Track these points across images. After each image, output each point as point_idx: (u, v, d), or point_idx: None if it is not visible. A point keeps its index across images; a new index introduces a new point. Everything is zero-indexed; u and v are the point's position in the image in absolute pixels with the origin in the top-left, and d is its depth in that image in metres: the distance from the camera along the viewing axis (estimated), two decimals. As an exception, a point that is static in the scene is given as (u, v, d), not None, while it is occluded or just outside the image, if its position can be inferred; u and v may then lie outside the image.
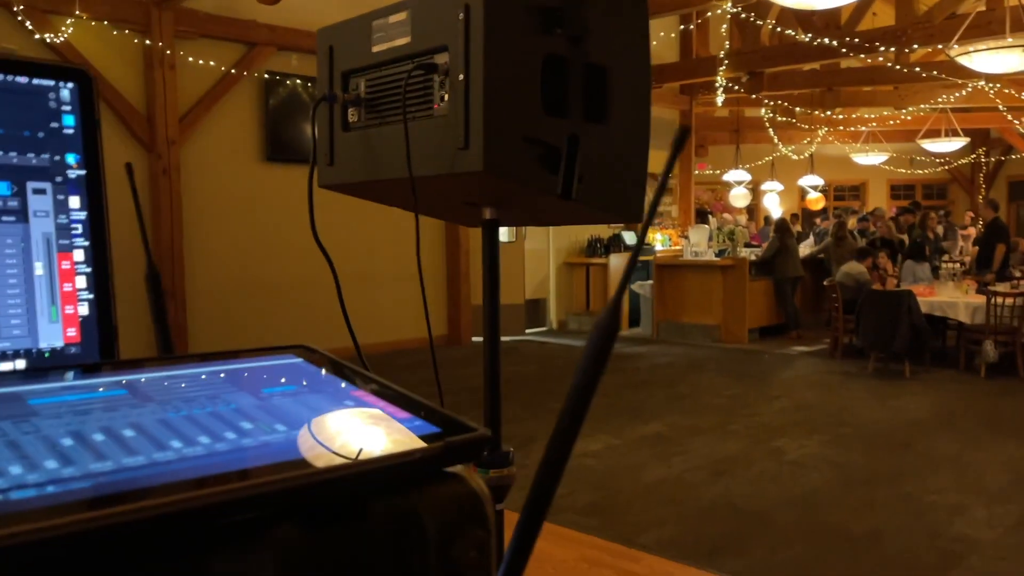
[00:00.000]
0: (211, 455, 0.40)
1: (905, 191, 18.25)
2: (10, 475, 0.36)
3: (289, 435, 0.42)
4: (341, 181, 1.63)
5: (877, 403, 6.55)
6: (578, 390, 0.47)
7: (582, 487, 4.54)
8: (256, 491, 0.36)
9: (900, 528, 3.88)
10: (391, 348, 8.21)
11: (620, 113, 1.57)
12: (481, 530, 0.45)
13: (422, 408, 0.48)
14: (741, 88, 11.37)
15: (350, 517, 0.39)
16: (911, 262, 9.61)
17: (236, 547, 0.36)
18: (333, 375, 0.54)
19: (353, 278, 8.87)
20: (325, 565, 0.38)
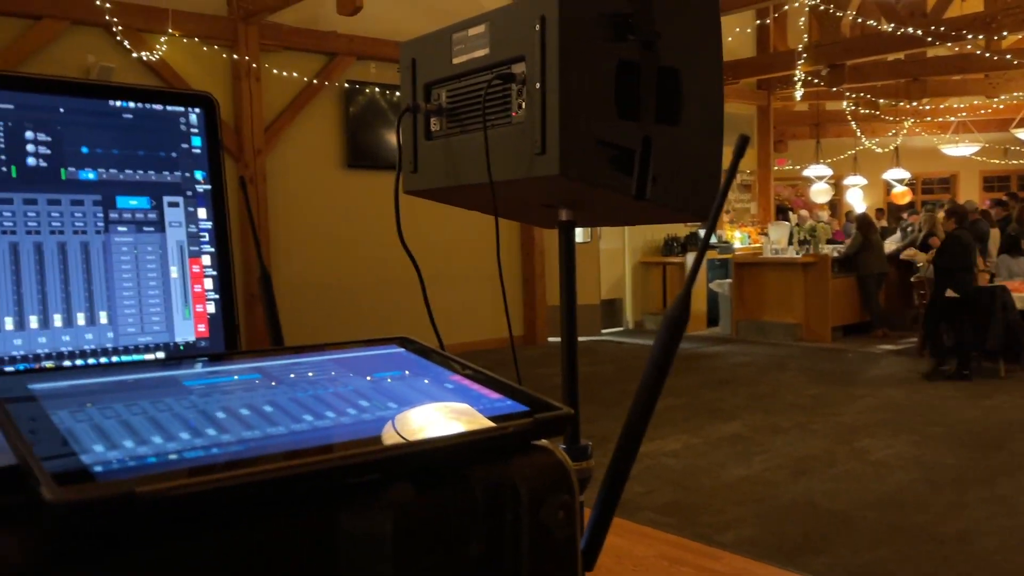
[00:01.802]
0: (337, 427, 0.47)
1: (1000, 183, 17.47)
2: (181, 440, 0.44)
3: (401, 411, 0.49)
4: (425, 187, 1.72)
5: (969, 402, 6.33)
6: (651, 376, 0.52)
7: (661, 486, 4.55)
8: (376, 456, 0.43)
9: (992, 529, 3.76)
10: (469, 348, 8.35)
11: (692, 114, 1.61)
12: (567, 495, 0.51)
13: (513, 390, 0.54)
14: (821, 81, 11.11)
15: (454, 483, 0.46)
16: (1006, 256, 9.22)
17: (361, 504, 0.43)
18: (432, 362, 0.61)
19: (430, 279, 9.04)
20: (434, 523, 0.44)
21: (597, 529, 0.56)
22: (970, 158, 15.69)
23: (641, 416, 0.54)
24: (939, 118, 14.76)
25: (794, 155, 16.07)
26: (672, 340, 0.55)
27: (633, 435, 0.54)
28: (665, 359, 0.55)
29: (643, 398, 0.54)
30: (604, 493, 0.57)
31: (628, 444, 0.54)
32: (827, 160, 14.57)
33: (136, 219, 0.72)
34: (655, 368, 0.54)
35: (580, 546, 0.53)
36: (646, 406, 0.54)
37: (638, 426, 0.54)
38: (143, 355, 0.72)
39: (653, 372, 0.54)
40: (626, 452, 0.55)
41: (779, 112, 14.06)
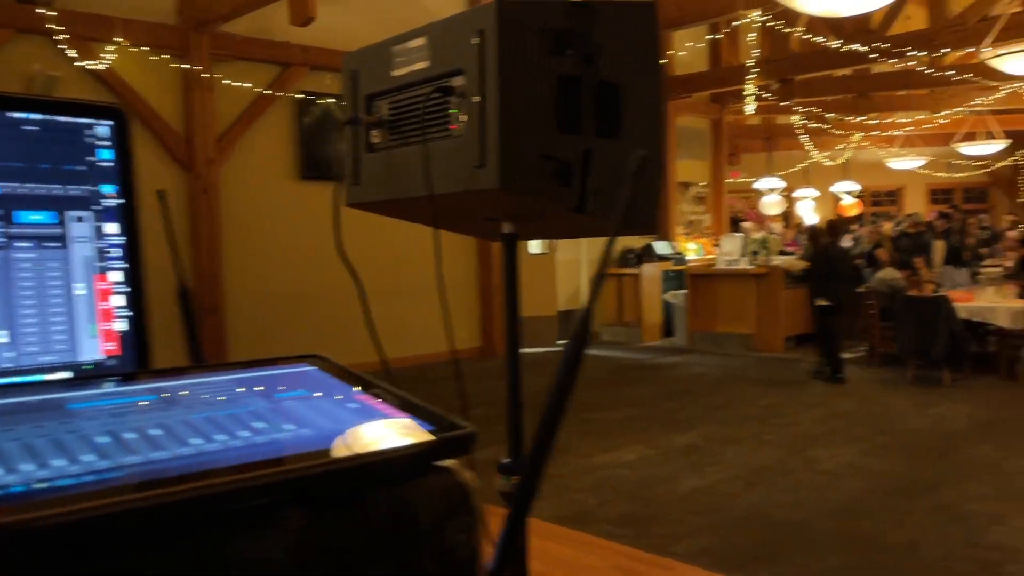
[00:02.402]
0: (227, 450, 0.45)
1: (944, 195, 17.96)
2: (53, 467, 0.42)
3: (297, 433, 0.47)
4: (366, 200, 1.70)
5: (916, 411, 6.46)
6: (557, 392, 0.51)
7: (616, 497, 4.55)
8: (263, 481, 0.41)
9: (938, 537, 3.83)
10: (425, 360, 8.29)
11: (633, 128, 1.61)
12: (468, 516, 0.49)
13: (417, 409, 0.53)
14: (772, 96, 11.32)
15: (351, 505, 0.44)
16: (950, 267, 9.47)
17: (252, 530, 0.41)
18: (340, 381, 0.59)
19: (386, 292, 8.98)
20: (329, 546, 0.43)
21: (506, 548, 0.54)
22: (916, 171, 16.11)
23: (547, 438, 0.53)
24: (886, 132, 15.13)
25: (747, 168, 16.33)
26: (574, 361, 0.53)
27: (538, 459, 0.53)
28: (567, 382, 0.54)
29: (546, 426, 0.52)
30: (513, 513, 0.55)
31: (534, 467, 0.53)
32: (779, 173, 14.83)
33: (38, 234, 0.69)
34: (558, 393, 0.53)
35: (490, 565, 0.51)
36: (548, 435, 0.53)
37: (543, 449, 0.53)
38: (45, 375, 0.69)
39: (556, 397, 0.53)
40: (533, 473, 0.53)
41: (732, 126, 14.29)
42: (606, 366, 9.32)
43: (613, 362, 9.60)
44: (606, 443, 5.71)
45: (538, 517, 4.62)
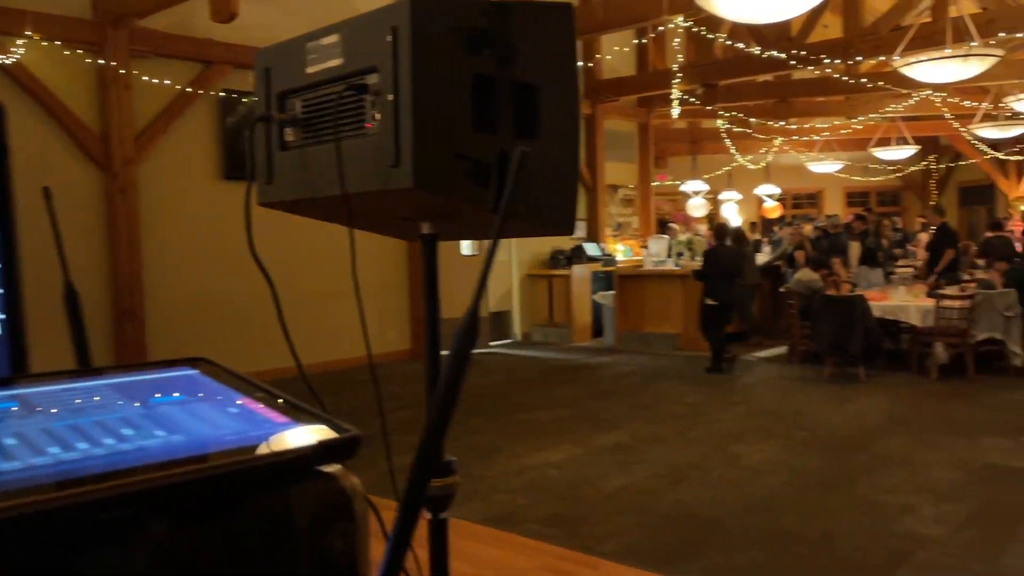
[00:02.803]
0: (86, 459, 0.43)
1: (860, 198, 18.63)
2: None
3: (168, 440, 0.45)
4: (279, 199, 1.66)
5: (833, 407, 6.68)
6: (446, 388, 0.50)
7: (545, 497, 4.57)
8: (118, 492, 0.39)
9: (852, 529, 3.97)
10: (355, 364, 8.20)
11: (550, 129, 1.62)
12: (348, 522, 0.48)
13: (301, 413, 0.51)
14: (696, 100, 11.55)
15: (222, 514, 0.42)
16: (865, 268, 9.82)
17: (107, 543, 0.39)
18: (224, 385, 0.57)
19: (314, 294, 8.82)
20: (197, 558, 0.41)
21: (395, 555, 0.53)
22: (834, 175, 16.66)
23: (432, 439, 0.52)
24: (805, 137, 15.61)
25: (674, 171, 16.63)
26: (463, 353, 0.52)
27: (424, 468, 0.51)
28: (456, 378, 0.53)
29: (434, 421, 0.51)
30: (401, 518, 0.53)
31: (421, 473, 0.52)
32: (704, 176, 15.15)
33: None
34: (447, 389, 0.52)
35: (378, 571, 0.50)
36: (437, 430, 0.51)
37: (428, 458, 0.52)
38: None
39: (445, 393, 0.51)
40: (421, 476, 0.52)
41: (659, 129, 14.54)
42: (537, 367, 9.36)
43: (543, 363, 9.65)
44: (536, 443, 5.74)
45: (468, 519, 4.62)
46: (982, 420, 6.07)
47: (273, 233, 8.72)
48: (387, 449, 1.71)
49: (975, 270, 9.62)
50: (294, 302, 8.75)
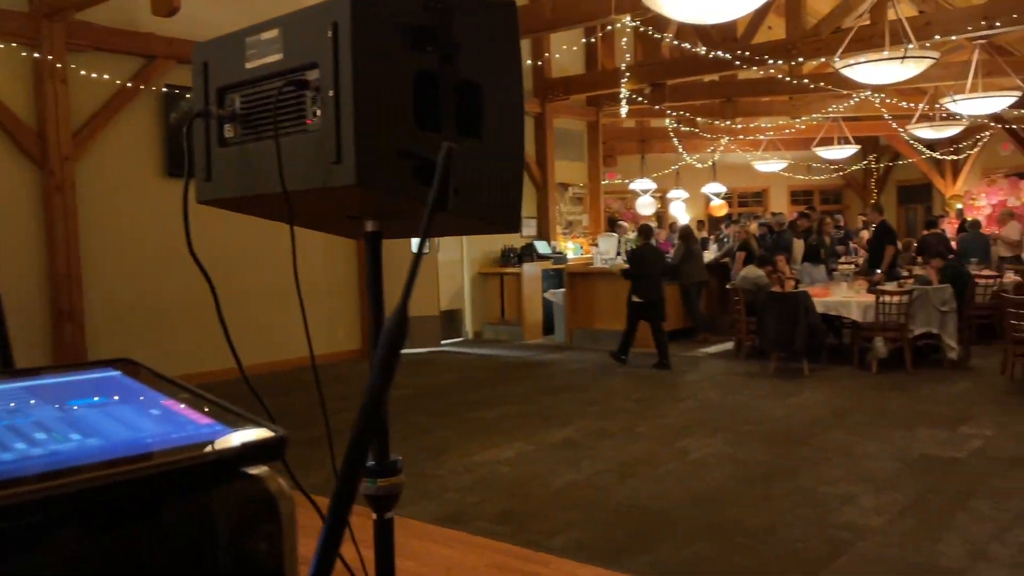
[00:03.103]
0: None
1: (804, 197, 19.04)
2: None
3: (83, 443, 0.44)
4: (219, 196, 1.64)
5: (777, 401, 6.82)
6: (373, 390, 0.50)
7: (494, 495, 4.58)
8: (24, 498, 0.38)
9: (794, 520, 4.06)
10: (305, 364, 8.09)
11: (494, 127, 1.62)
12: (272, 524, 0.48)
13: (227, 414, 0.51)
14: (644, 99, 11.68)
15: (140, 518, 0.42)
16: (808, 264, 10.04)
17: (11, 552, 0.38)
18: (147, 387, 0.56)
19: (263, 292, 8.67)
20: (111, 565, 0.40)
21: (324, 556, 0.52)
22: (779, 174, 17.01)
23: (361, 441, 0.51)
24: (751, 136, 15.89)
25: (623, 169, 16.79)
26: (392, 352, 0.52)
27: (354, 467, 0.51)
28: (385, 378, 0.53)
29: (364, 421, 0.51)
30: (329, 520, 0.53)
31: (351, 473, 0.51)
32: (653, 174, 15.34)
33: None
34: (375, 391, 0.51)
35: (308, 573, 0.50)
36: (366, 432, 0.51)
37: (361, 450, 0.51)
38: None
39: (373, 395, 0.51)
40: (348, 479, 0.52)
41: (608, 128, 14.66)
42: (488, 365, 9.37)
43: (494, 361, 9.66)
44: (486, 441, 5.74)
45: (418, 518, 4.59)
46: (919, 412, 6.26)
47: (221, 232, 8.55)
48: (331, 450, 1.69)
49: (913, 267, 9.91)
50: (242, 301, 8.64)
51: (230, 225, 7.65)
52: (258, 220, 1.86)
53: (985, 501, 4.24)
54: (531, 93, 12.16)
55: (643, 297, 8.55)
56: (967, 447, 5.26)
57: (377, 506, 1.70)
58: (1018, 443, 5.33)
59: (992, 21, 8.14)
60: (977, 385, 7.23)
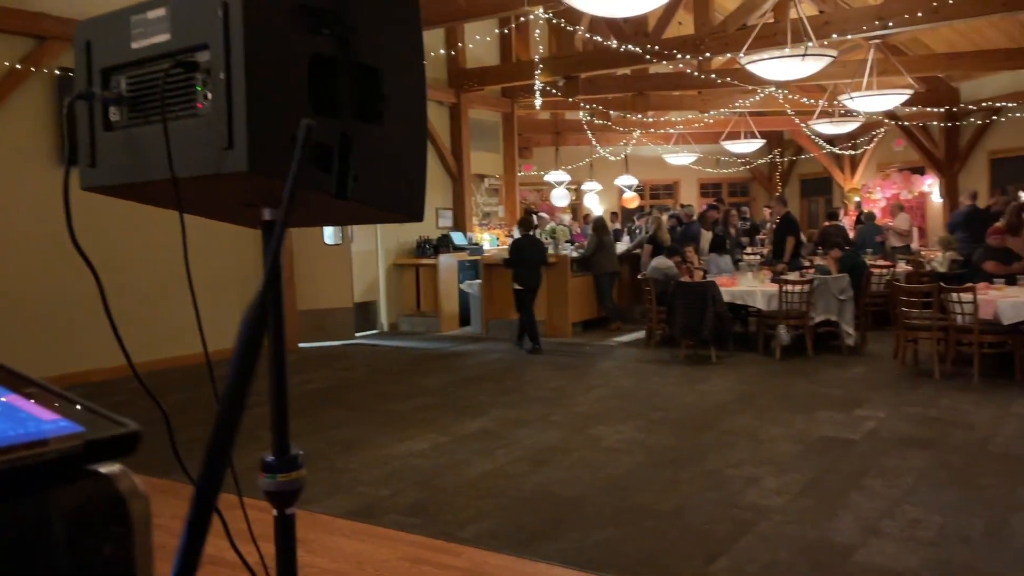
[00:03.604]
0: None
1: (713, 189, 19.57)
2: None
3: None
4: (104, 183, 1.57)
5: (686, 387, 7.00)
6: (235, 379, 0.48)
7: (407, 487, 4.55)
8: None
9: (701, 502, 4.17)
10: (216, 358, 7.86)
11: (395, 113, 1.60)
12: (119, 526, 0.45)
13: (76, 410, 0.48)
14: (558, 92, 11.76)
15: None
16: (714, 255, 10.33)
17: None
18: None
19: (163, 286, 8.36)
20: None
21: (186, 561, 0.50)
22: (689, 167, 17.43)
23: (224, 434, 0.49)
24: (662, 130, 16.22)
25: (538, 161, 16.89)
26: (253, 342, 0.50)
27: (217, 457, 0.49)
28: (246, 368, 0.51)
29: (224, 416, 0.49)
30: (191, 523, 0.50)
31: (213, 467, 0.49)
32: (567, 167, 15.48)
33: None
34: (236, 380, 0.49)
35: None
36: (229, 424, 0.49)
37: (223, 446, 0.49)
38: None
39: (234, 385, 0.49)
40: (212, 473, 0.50)
41: (523, 120, 14.71)
42: (402, 357, 9.30)
43: (409, 353, 9.59)
44: (400, 434, 5.70)
45: (329, 513, 4.49)
46: (819, 396, 6.53)
47: (119, 222, 8.18)
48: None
49: (814, 257, 10.31)
50: (140, 295, 8.30)
51: (129, 215, 7.35)
52: (157, 210, 1.79)
53: (877, 480, 4.46)
54: (445, 83, 12.09)
55: (523, 284, 9.02)
56: (862, 429, 5.52)
57: (278, 502, 1.66)
58: (908, 424, 5.63)
59: (886, 21, 8.52)
60: (872, 369, 7.59)
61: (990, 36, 11.86)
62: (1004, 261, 7.99)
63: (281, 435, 1.65)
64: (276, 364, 1.67)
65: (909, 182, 15.79)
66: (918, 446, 5.08)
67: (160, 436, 1.51)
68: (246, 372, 0.52)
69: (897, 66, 10.83)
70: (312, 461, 5.07)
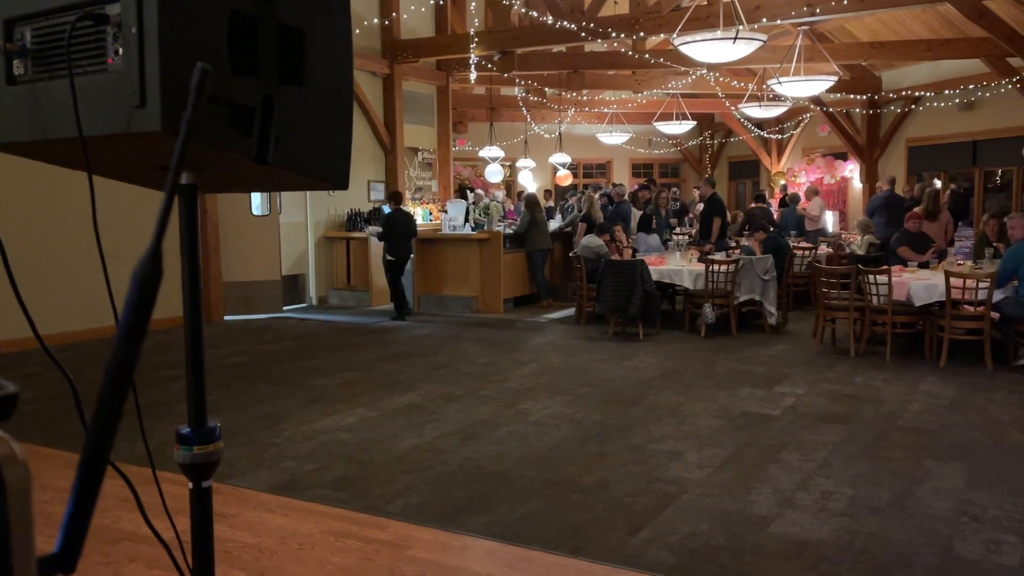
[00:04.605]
0: None
1: (645, 169, 19.79)
2: None
3: None
4: (6, 140, 1.48)
5: (614, 363, 7.10)
6: (122, 342, 0.45)
7: (333, 461, 4.51)
8: None
9: (625, 476, 4.25)
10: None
11: (319, 76, 1.56)
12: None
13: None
14: (493, 66, 11.69)
15: None
16: (643, 234, 10.47)
17: None
18: None
19: (88, 254, 8.04)
20: None
21: (73, 528, 0.47)
22: (622, 146, 17.58)
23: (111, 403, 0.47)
24: (596, 109, 16.29)
25: (473, 137, 16.79)
26: (144, 301, 0.47)
27: (105, 423, 0.46)
28: (137, 330, 0.48)
29: (111, 384, 0.46)
30: (78, 488, 0.48)
31: (101, 433, 0.46)
32: (502, 143, 15.43)
33: None
34: (124, 343, 0.46)
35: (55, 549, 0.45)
36: (115, 395, 0.46)
37: (110, 412, 0.47)
38: None
39: (122, 348, 0.46)
40: (100, 440, 0.47)
41: (458, 94, 14.58)
42: (331, 331, 9.18)
43: (338, 327, 9.48)
44: (327, 408, 5.63)
45: (252, 487, 4.41)
46: (741, 373, 6.71)
47: (34, 185, 7.81)
48: (140, 424, 1.60)
49: (740, 238, 10.55)
50: (66, 263, 7.97)
51: (52, 180, 7.02)
52: (68, 176, 1.70)
53: (794, 453, 4.61)
54: (379, 53, 11.88)
55: (395, 255, 9.74)
56: (781, 404, 5.70)
57: (193, 475, 1.61)
58: (825, 400, 5.83)
59: (814, 8, 8.71)
60: (793, 348, 7.83)
61: (912, 27, 12.26)
62: (918, 246, 8.31)
63: (198, 406, 1.60)
64: (193, 333, 1.62)
65: (832, 167, 16.26)
66: (833, 421, 5.27)
67: (73, 411, 1.46)
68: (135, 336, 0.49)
69: (824, 53, 11.10)
70: (236, 435, 4.98)
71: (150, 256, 0.49)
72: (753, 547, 3.37)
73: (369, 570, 3.10)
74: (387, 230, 9.74)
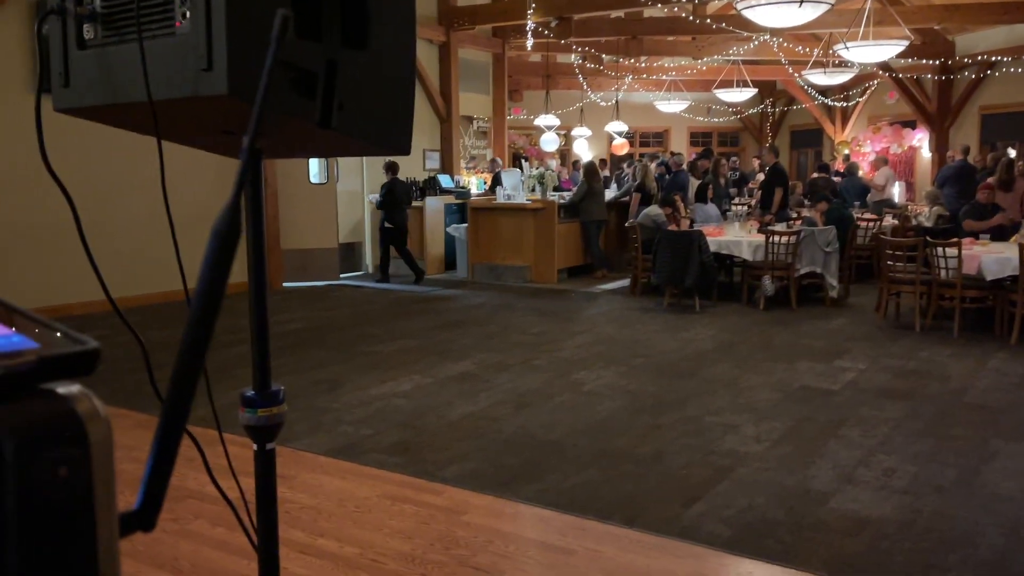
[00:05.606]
0: None
1: (703, 138, 19.42)
2: None
3: None
4: (77, 104, 1.51)
5: (669, 335, 7.03)
6: (202, 296, 0.45)
7: (389, 427, 4.57)
8: None
9: (680, 448, 4.22)
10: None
11: (382, 40, 1.54)
12: (74, 448, 0.43)
13: (31, 324, 0.45)
14: (550, 33, 11.54)
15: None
16: (700, 204, 10.29)
17: None
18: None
19: (152, 219, 8.23)
20: None
21: (153, 485, 0.48)
22: (680, 115, 17.26)
23: (192, 358, 0.46)
24: (654, 76, 16.00)
25: (528, 105, 16.66)
26: (224, 255, 0.47)
27: (188, 373, 0.46)
28: (219, 278, 0.47)
29: (192, 335, 0.45)
30: (158, 445, 0.48)
31: (182, 384, 0.46)
32: (557, 111, 15.28)
33: None
34: (207, 293, 0.46)
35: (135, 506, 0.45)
36: (197, 346, 0.46)
37: (191, 367, 0.46)
38: None
39: (204, 298, 0.46)
40: (181, 393, 0.47)
41: (514, 62, 14.46)
42: (387, 299, 9.28)
43: (394, 295, 9.57)
44: (382, 375, 5.70)
45: (311, 451, 4.49)
46: (800, 346, 6.58)
47: (104, 151, 8.03)
48: (208, 386, 1.62)
49: (801, 208, 10.29)
50: (128, 227, 8.19)
51: (114, 144, 7.19)
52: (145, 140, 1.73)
53: (855, 429, 4.52)
54: (435, 20, 11.83)
55: (393, 223, 10.08)
56: (841, 379, 5.58)
57: (257, 437, 1.64)
58: (886, 375, 5.69)
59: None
60: (854, 321, 7.64)
61: (989, -11, 11.70)
62: (983, 217, 8.00)
63: (262, 369, 1.62)
64: (257, 298, 1.64)
65: (899, 136, 15.73)
66: (896, 397, 5.14)
67: (143, 372, 1.49)
68: (217, 290, 0.49)
69: (894, 16, 10.68)
70: (294, 400, 5.08)
71: (229, 211, 0.49)
72: (812, 522, 3.32)
73: (424, 534, 3.14)
74: (386, 198, 10.01)
